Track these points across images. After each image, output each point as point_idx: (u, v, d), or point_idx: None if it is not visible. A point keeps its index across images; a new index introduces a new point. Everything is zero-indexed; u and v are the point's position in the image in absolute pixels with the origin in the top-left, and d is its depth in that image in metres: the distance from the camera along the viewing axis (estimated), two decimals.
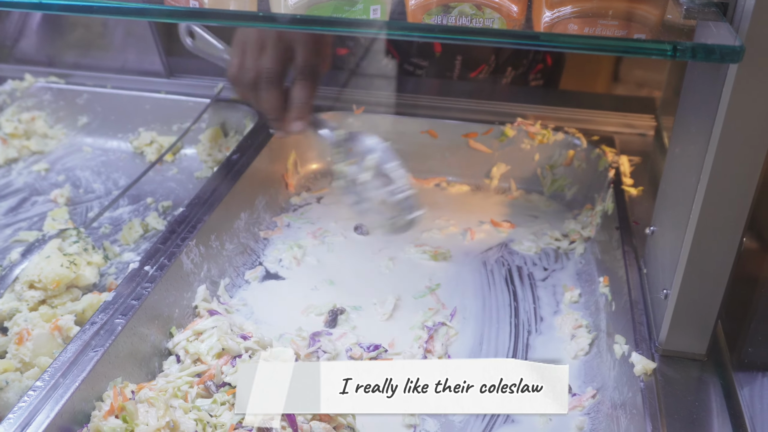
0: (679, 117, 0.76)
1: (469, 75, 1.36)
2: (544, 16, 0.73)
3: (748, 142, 0.61)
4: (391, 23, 0.66)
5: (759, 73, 0.57)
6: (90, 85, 1.30)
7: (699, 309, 0.70)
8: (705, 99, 0.65)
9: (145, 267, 0.83)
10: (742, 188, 0.63)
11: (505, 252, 1.03)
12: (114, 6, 0.66)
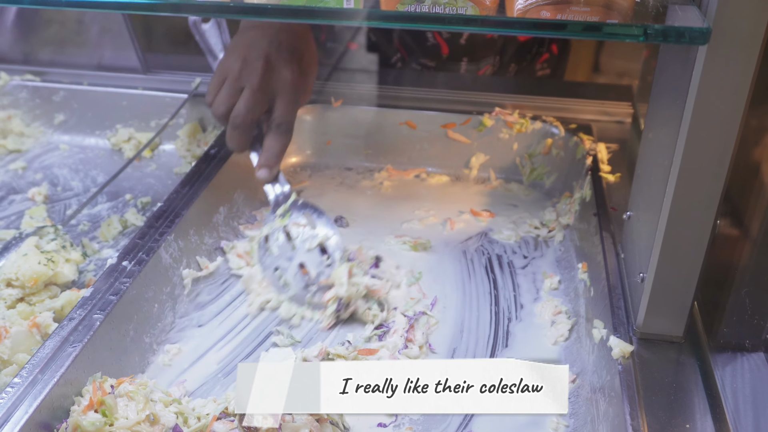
0: (653, 102, 0.77)
1: (476, 74, 1.37)
2: (517, 3, 0.73)
3: (718, 124, 0.61)
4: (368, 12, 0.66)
5: (726, 55, 0.57)
6: (66, 82, 1.29)
7: (675, 291, 0.70)
8: (676, 83, 0.65)
9: (123, 262, 0.83)
10: (714, 170, 0.64)
11: (485, 241, 1.03)
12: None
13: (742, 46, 0.57)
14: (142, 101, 1.26)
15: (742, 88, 0.60)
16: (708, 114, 0.61)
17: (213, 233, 0.98)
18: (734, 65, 0.58)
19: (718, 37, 0.56)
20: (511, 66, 1.39)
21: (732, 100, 0.60)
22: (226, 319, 0.89)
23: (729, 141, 0.62)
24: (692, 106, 0.61)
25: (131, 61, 1.31)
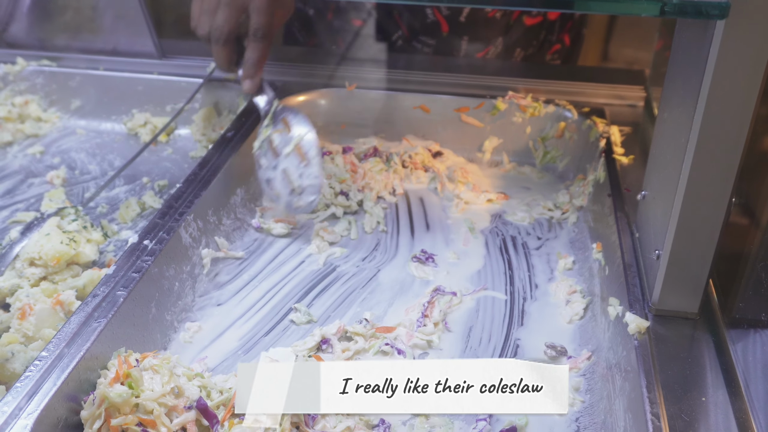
0: (668, 82, 0.78)
1: (475, 56, 1.37)
2: None
3: (735, 101, 0.62)
4: None
5: (744, 30, 0.58)
6: (82, 67, 1.30)
7: (690, 268, 0.71)
8: (693, 61, 0.66)
9: (144, 241, 0.84)
10: (729, 148, 0.65)
11: (499, 223, 1.04)
12: None
13: (761, 20, 0.57)
14: (158, 86, 1.28)
15: (759, 63, 0.60)
16: (725, 91, 0.62)
17: (231, 214, 0.99)
18: (753, 40, 0.58)
19: (736, 11, 0.57)
20: (517, 51, 1.38)
21: (749, 76, 0.60)
22: (245, 298, 0.90)
23: (745, 118, 0.63)
24: (709, 84, 0.62)
25: (146, 47, 1.32)
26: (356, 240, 1.00)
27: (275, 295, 0.90)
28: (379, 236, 1.01)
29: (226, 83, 1.24)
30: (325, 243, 0.98)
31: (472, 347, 0.83)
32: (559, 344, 0.82)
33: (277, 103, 0.99)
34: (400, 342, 0.82)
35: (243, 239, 1.00)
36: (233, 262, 0.95)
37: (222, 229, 0.97)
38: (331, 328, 0.83)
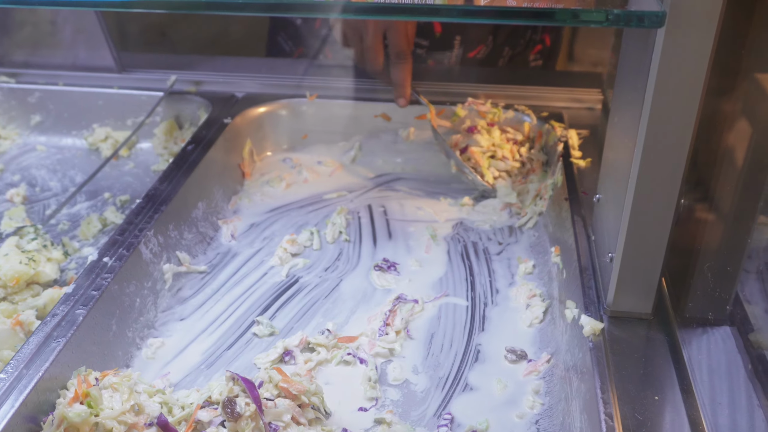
0: (617, 87, 0.79)
1: (468, 55, 1.38)
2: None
3: (678, 105, 0.63)
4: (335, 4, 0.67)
5: (682, 37, 0.59)
6: (41, 83, 1.30)
7: (642, 270, 0.73)
8: (638, 67, 0.68)
9: (104, 258, 0.84)
10: (675, 151, 0.66)
11: (461, 229, 1.05)
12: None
13: (697, 27, 0.59)
14: (118, 100, 1.27)
15: (699, 68, 0.62)
16: (667, 96, 0.63)
17: (192, 228, 0.99)
18: (690, 47, 0.60)
19: (673, 19, 0.58)
20: (506, 50, 1.39)
21: (690, 81, 0.62)
22: (208, 311, 0.90)
23: (689, 122, 0.64)
24: (653, 89, 0.64)
25: (106, 61, 1.32)
26: (319, 250, 1.01)
27: (238, 308, 0.91)
28: (341, 246, 1.02)
29: (186, 96, 1.24)
30: (287, 254, 0.99)
31: (434, 354, 0.83)
32: (519, 348, 0.83)
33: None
34: (362, 351, 0.83)
35: (206, 253, 1.00)
36: (196, 276, 0.95)
37: (184, 243, 0.97)
38: (294, 339, 0.83)
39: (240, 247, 1.01)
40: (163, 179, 0.99)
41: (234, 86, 1.26)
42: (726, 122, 0.73)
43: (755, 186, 0.68)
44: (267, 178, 1.16)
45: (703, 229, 0.71)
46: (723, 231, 0.69)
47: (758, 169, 0.69)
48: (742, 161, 0.71)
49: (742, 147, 0.71)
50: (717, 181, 0.71)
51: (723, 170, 0.71)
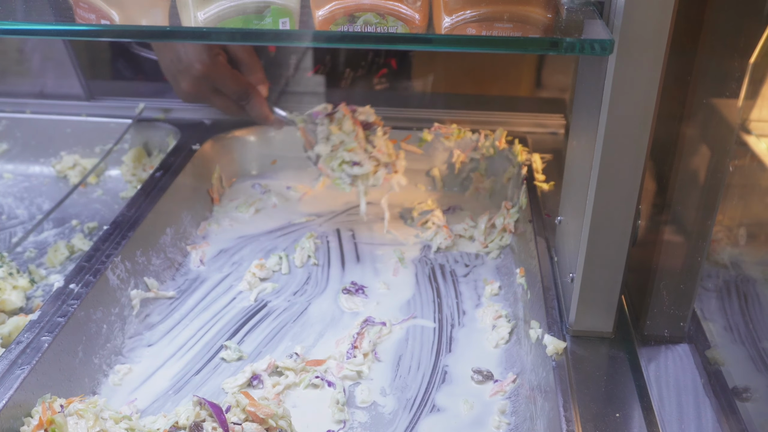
0: (575, 112, 0.81)
1: (306, 75, 1.39)
2: (444, 22, 0.78)
3: (630, 130, 0.66)
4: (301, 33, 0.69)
5: (632, 64, 0.62)
6: (8, 111, 1.29)
7: (602, 289, 0.74)
8: (592, 93, 0.70)
9: (70, 285, 0.84)
10: (630, 173, 0.68)
11: (428, 252, 1.07)
12: (24, 28, 0.68)
13: (646, 54, 0.61)
14: (86, 128, 1.27)
15: (649, 93, 0.64)
16: (620, 120, 0.65)
17: (160, 254, 1.00)
18: (640, 73, 0.62)
19: (622, 47, 0.61)
20: (347, 71, 1.41)
21: (642, 105, 0.64)
22: (176, 337, 0.90)
23: (642, 146, 0.67)
24: (606, 113, 0.66)
25: (74, 89, 1.32)
26: (288, 275, 1.01)
27: (206, 333, 0.91)
28: (310, 270, 1.03)
29: (155, 123, 1.25)
30: (256, 279, 0.99)
31: (401, 376, 0.84)
32: (486, 369, 0.84)
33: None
34: (330, 374, 0.83)
35: (174, 279, 1.00)
36: (164, 302, 0.95)
37: (152, 269, 0.97)
38: (262, 363, 0.83)
39: (209, 273, 1.02)
40: (131, 205, 1.00)
41: (202, 113, 1.27)
42: (680, 145, 0.75)
43: (708, 207, 0.71)
44: (236, 204, 1.17)
45: (659, 249, 0.73)
46: (677, 251, 0.71)
47: (711, 190, 0.71)
48: (695, 183, 0.73)
49: (695, 169, 0.74)
50: (672, 202, 0.73)
51: (677, 192, 0.74)
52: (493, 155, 1.17)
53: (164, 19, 0.78)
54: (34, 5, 0.79)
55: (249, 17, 0.78)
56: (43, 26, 0.70)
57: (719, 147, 0.70)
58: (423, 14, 0.81)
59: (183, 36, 0.71)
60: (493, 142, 1.16)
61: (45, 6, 0.80)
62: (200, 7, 0.80)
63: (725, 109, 0.71)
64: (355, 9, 0.80)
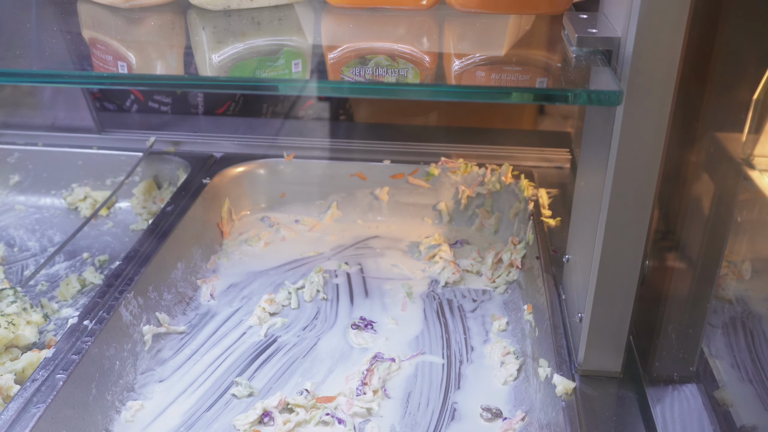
0: (583, 153, 0.83)
1: (216, 111, 1.39)
2: (454, 65, 0.80)
3: (639, 173, 0.67)
4: (317, 83, 0.71)
5: (640, 110, 0.63)
6: (21, 143, 1.31)
7: (610, 329, 0.75)
8: (601, 136, 0.71)
9: (84, 321, 0.85)
10: (638, 216, 0.69)
11: (436, 286, 1.07)
12: (45, 73, 0.69)
13: (654, 101, 0.63)
14: (97, 160, 1.29)
15: (657, 137, 0.66)
16: (629, 163, 0.67)
17: (171, 289, 1.01)
18: (648, 118, 0.64)
19: (630, 95, 0.62)
20: (264, 106, 1.41)
21: (650, 149, 0.66)
22: (187, 373, 0.91)
23: (650, 188, 0.68)
24: (614, 157, 0.67)
25: (86, 121, 1.34)
26: (297, 309, 1.02)
27: (217, 369, 0.91)
28: (319, 304, 1.04)
29: (165, 156, 1.27)
30: (266, 314, 1.00)
31: (411, 413, 0.85)
32: (495, 406, 0.85)
33: None
34: (340, 411, 0.84)
35: (185, 313, 1.01)
36: (175, 337, 0.96)
37: (163, 304, 0.98)
38: (273, 400, 0.84)
39: (219, 307, 1.03)
40: (143, 240, 1.01)
41: (212, 146, 1.29)
42: (688, 186, 0.76)
43: (715, 249, 0.72)
44: (245, 237, 1.18)
45: (667, 291, 0.74)
46: (685, 292, 0.72)
47: (718, 231, 0.72)
48: (702, 222, 0.74)
49: (703, 209, 0.75)
50: (680, 242, 0.74)
51: (685, 231, 0.75)
52: (500, 190, 1.18)
53: (179, 62, 0.80)
54: (50, 46, 0.80)
55: (263, 59, 0.80)
56: (62, 72, 0.71)
57: (726, 184, 0.71)
58: (433, 56, 0.83)
59: (199, 86, 0.72)
60: (499, 177, 1.18)
61: (61, 47, 0.82)
62: (215, 50, 0.82)
63: (731, 146, 0.72)
64: (367, 51, 0.82)
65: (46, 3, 0.93)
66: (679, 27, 0.61)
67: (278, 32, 0.84)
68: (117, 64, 0.79)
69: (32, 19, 0.86)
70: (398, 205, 1.22)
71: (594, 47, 0.67)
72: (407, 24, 0.84)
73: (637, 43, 0.62)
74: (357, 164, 1.23)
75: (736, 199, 0.71)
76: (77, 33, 0.83)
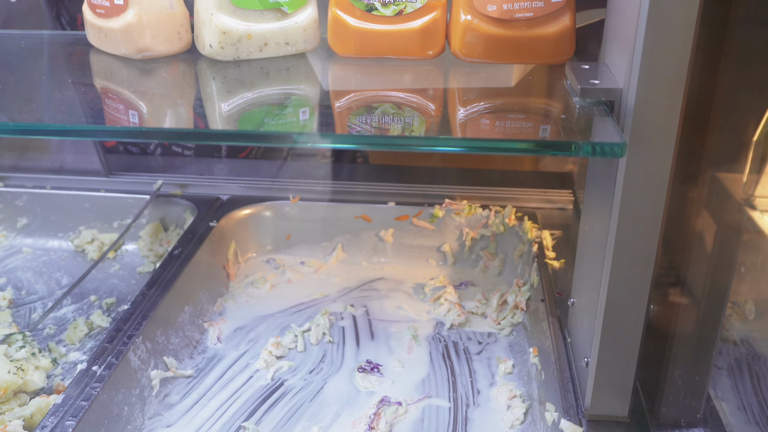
0: (586, 198, 0.84)
1: (239, 155, 1.42)
2: (459, 113, 0.81)
3: (643, 221, 0.68)
4: (326, 135, 0.72)
5: (644, 161, 0.65)
6: (29, 186, 1.33)
7: (617, 374, 0.76)
8: (604, 183, 0.72)
9: (93, 367, 0.85)
10: (642, 263, 0.70)
11: (441, 329, 1.08)
12: (58, 128, 0.71)
13: (657, 151, 0.64)
14: (105, 203, 1.30)
15: (660, 185, 0.67)
16: (633, 214, 0.68)
17: (179, 332, 1.01)
18: (651, 165, 0.65)
19: (633, 145, 0.64)
20: (284, 149, 1.42)
21: (653, 197, 0.67)
22: (195, 417, 0.91)
23: (654, 235, 0.69)
24: (618, 205, 0.68)
25: (94, 164, 1.36)
26: (303, 352, 1.03)
27: (224, 413, 0.92)
28: (325, 347, 1.04)
29: (172, 199, 1.28)
30: (273, 357, 1.00)
31: None
32: None
33: None
34: None
35: (192, 357, 1.01)
36: (182, 381, 0.97)
37: (171, 348, 0.98)
38: None
39: (226, 350, 1.03)
40: (151, 284, 1.02)
41: (219, 189, 1.30)
42: (690, 232, 0.78)
43: (720, 290, 0.72)
44: (251, 279, 1.19)
45: (672, 333, 0.75)
46: (690, 336, 0.72)
47: (722, 272, 0.73)
48: (706, 265, 0.75)
49: (705, 251, 0.76)
50: (684, 284, 0.75)
51: (690, 274, 0.76)
52: (504, 232, 1.19)
53: (189, 112, 0.82)
54: (66, 100, 0.82)
55: (271, 107, 0.82)
56: (75, 127, 0.73)
57: (729, 227, 0.72)
58: (438, 104, 0.84)
59: (209, 137, 0.74)
60: (503, 219, 1.19)
61: (75, 99, 0.84)
62: (224, 99, 0.84)
63: (733, 188, 0.73)
64: (373, 100, 0.84)
65: (60, 54, 0.95)
66: (680, 77, 0.63)
67: (287, 81, 0.86)
68: (129, 117, 0.80)
69: (47, 71, 0.88)
70: (403, 246, 1.23)
71: (596, 98, 0.69)
72: (413, 73, 0.86)
73: (639, 94, 0.63)
74: (362, 206, 1.24)
75: (741, 240, 0.72)
76: (91, 84, 0.85)
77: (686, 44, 0.62)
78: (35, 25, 1.27)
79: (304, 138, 0.70)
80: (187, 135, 0.73)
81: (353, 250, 1.24)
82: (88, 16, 0.92)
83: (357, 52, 0.87)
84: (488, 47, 0.83)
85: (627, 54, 0.66)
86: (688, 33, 0.61)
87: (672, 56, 0.62)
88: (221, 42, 0.86)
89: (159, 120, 0.76)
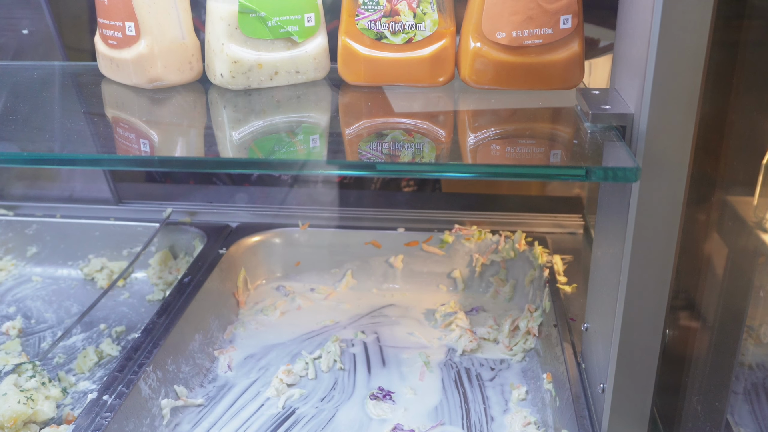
0: (598, 223, 0.84)
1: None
2: (470, 139, 0.81)
3: (657, 246, 0.68)
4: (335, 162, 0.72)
5: (657, 185, 0.65)
6: (39, 215, 1.33)
7: (634, 401, 0.75)
8: (617, 208, 0.72)
9: (104, 397, 0.85)
10: (657, 288, 0.70)
11: (453, 355, 1.07)
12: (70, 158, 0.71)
13: (670, 175, 0.64)
14: (114, 231, 1.31)
15: (674, 211, 0.67)
16: (647, 239, 0.67)
17: (189, 361, 1.01)
18: (665, 192, 0.65)
19: (647, 169, 0.63)
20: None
21: (667, 222, 0.67)
22: None
23: (668, 260, 0.69)
24: (632, 230, 0.68)
25: (103, 192, 1.36)
26: (314, 380, 1.02)
27: None
28: (336, 374, 1.03)
29: (181, 226, 1.28)
30: (283, 385, 1.00)
31: None
32: None
33: None
34: None
35: (203, 385, 1.01)
36: (193, 410, 0.96)
37: (181, 376, 0.98)
38: None
39: (236, 379, 1.02)
40: (161, 312, 1.01)
41: (228, 216, 1.31)
42: (704, 256, 0.77)
43: (737, 314, 0.72)
44: (261, 307, 1.19)
45: (690, 362, 0.74)
46: (708, 362, 0.72)
47: (738, 295, 0.72)
48: (721, 290, 0.75)
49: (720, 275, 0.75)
50: (700, 309, 0.74)
51: (705, 299, 0.75)
52: (514, 257, 1.19)
53: (200, 140, 0.82)
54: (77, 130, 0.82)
55: (281, 135, 0.82)
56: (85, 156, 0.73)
57: (743, 251, 0.72)
58: (448, 130, 0.85)
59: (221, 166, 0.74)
60: (513, 244, 1.19)
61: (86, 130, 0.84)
62: (235, 127, 0.84)
63: (745, 211, 0.73)
64: (383, 127, 0.84)
65: (71, 85, 0.96)
66: (692, 101, 0.63)
67: (297, 109, 0.86)
68: (140, 142, 0.81)
69: (59, 101, 0.89)
70: (413, 273, 1.23)
71: (608, 123, 0.69)
72: (423, 100, 0.86)
73: (652, 119, 0.63)
74: (371, 232, 1.24)
75: (756, 268, 0.72)
76: (102, 114, 0.85)
77: (697, 68, 0.62)
78: (46, 56, 1.28)
79: (314, 165, 0.70)
80: (199, 163, 0.73)
81: (363, 277, 1.24)
82: (100, 47, 0.93)
83: (367, 80, 0.88)
84: (498, 74, 0.83)
85: (638, 79, 0.66)
86: (699, 57, 0.62)
87: (684, 81, 0.62)
88: (232, 71, 0.86)
89: (170, 149, 0.76)
